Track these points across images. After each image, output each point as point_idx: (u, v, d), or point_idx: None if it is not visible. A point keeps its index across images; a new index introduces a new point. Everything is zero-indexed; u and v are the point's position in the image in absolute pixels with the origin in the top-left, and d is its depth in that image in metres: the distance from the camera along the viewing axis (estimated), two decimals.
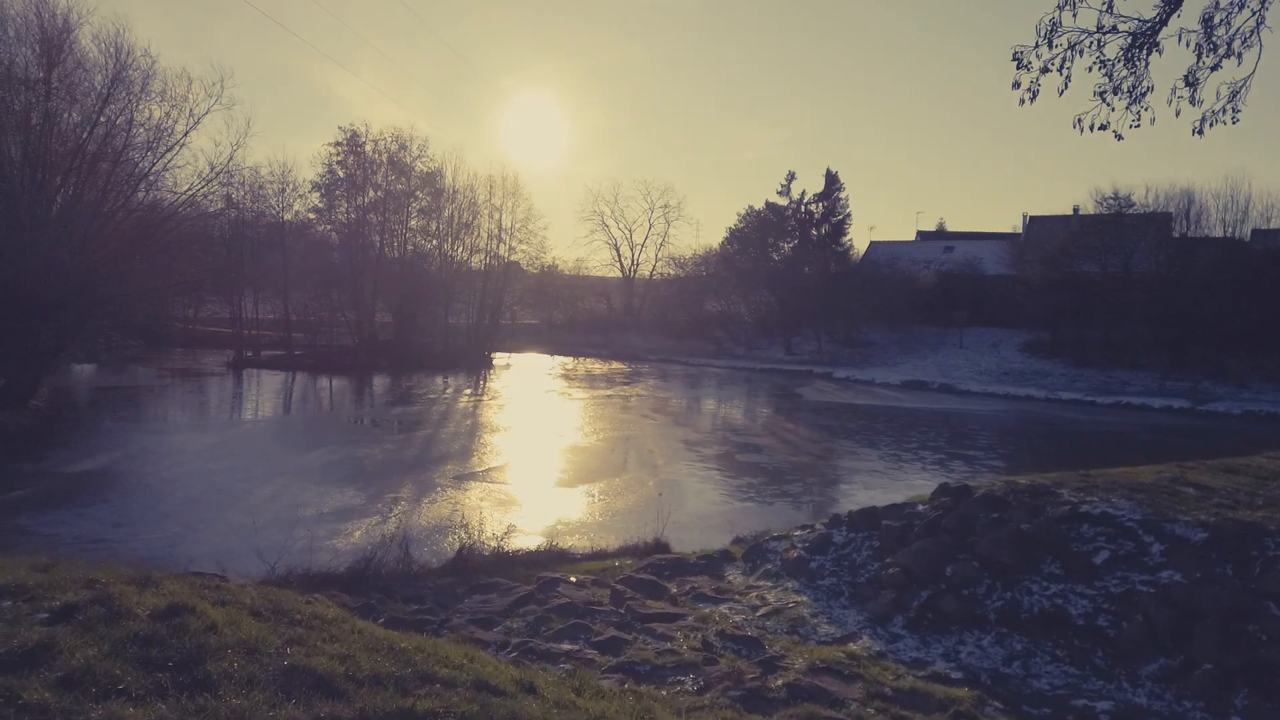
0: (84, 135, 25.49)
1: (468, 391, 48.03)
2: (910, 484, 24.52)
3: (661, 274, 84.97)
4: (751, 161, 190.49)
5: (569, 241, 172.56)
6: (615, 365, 66.30)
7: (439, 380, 53.32)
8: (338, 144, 63.26)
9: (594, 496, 23.04)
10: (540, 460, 28.33)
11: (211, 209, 33.42)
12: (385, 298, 64.55)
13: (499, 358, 66.62)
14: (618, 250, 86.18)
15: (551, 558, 16.52)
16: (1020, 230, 78.31)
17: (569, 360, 69.23)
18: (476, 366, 61.70)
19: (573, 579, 12.15)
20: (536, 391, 48.85)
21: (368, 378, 54.16)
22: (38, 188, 25.44)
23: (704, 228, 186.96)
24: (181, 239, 31.73)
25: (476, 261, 67.31)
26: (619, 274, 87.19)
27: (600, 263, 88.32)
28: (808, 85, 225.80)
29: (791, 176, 76.58)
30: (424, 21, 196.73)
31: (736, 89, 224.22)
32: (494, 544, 16.37)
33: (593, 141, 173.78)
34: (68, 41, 24.65)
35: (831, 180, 75.58)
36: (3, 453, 26.25)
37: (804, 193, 76.11)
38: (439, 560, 15.70)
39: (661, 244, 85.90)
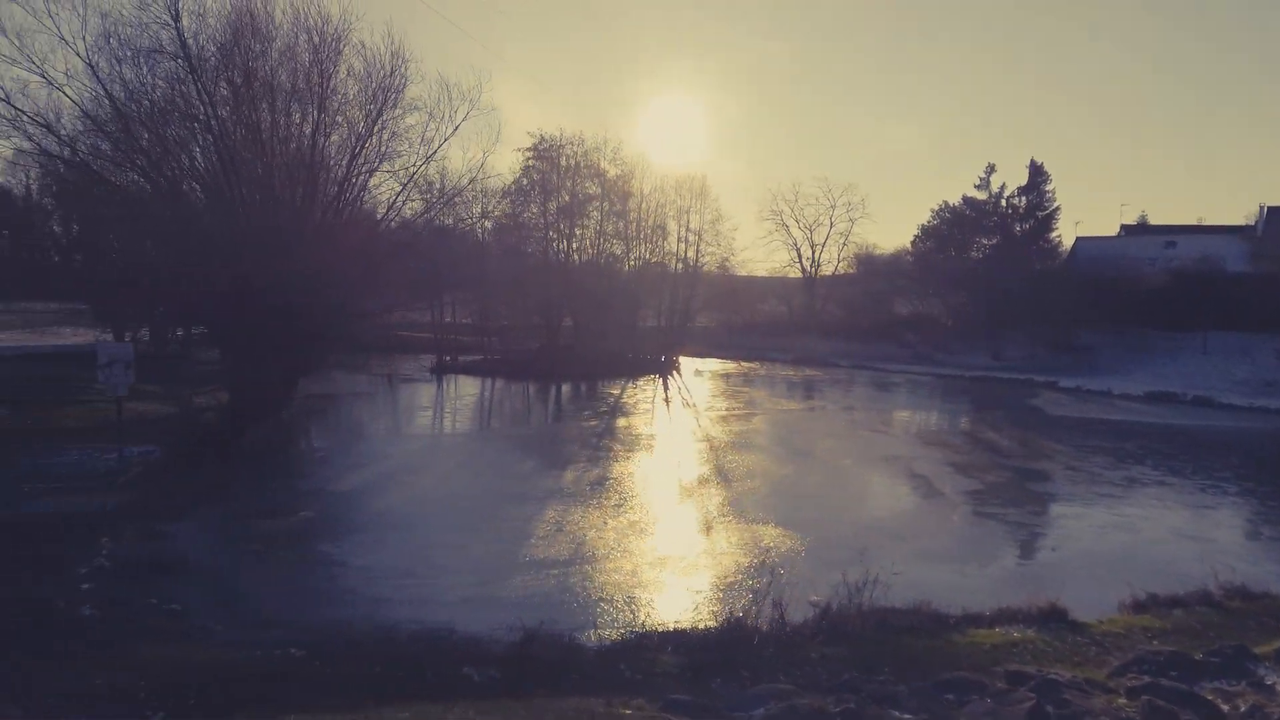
0: (351, 150, 25.30)
1: (674, 400, 46.62)
2: None
3: (844, 274, 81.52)
4: (904, 156, 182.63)
5: (738, 243, 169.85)
6: (806, 371, 63.64)
7: (637, 387, 52.25)
8: (529, 149, 63.39)
9: (903, 531, 20.79)
10: (813, 484, 26.33)
11: (439, 220, 33.10)
12: (574, 302, 64.27)
13: (685, 363, 65.17)
14: (798, 250, 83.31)
15: (927, 620, 14.40)
16: (1255, 223, 70.55)
17: (753, 365, 67.09)
18: (665, 372, 60.45)
19: (1064, 676, 9.92)
20: (746, 401, 46.90)
21: (564, 383, 53.71)
22: (304, 206, 25.41)
23: (879, 225, 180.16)
24: (417, 250, 31.54)
25: (664, 264, 66.13)
26: (797, 274, 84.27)
27: (778, 264, 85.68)
28: (970, 75, 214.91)
29: (990, 169, 71.76)
30: (565, 24, 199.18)
31: (883, 82, 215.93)
32: (845, 597, 14.43)
33: (737, 140, 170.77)
34: (338, 53, 24.42)
35: (1036, 172, 70.24)
36: (277, 469, 26.49)
37: (1003, 186, 71.12)
38: (770, 619, 13.80)
39: (844, 243, 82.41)
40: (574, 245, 65.68)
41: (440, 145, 27.05)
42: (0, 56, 21.06)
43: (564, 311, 64.34)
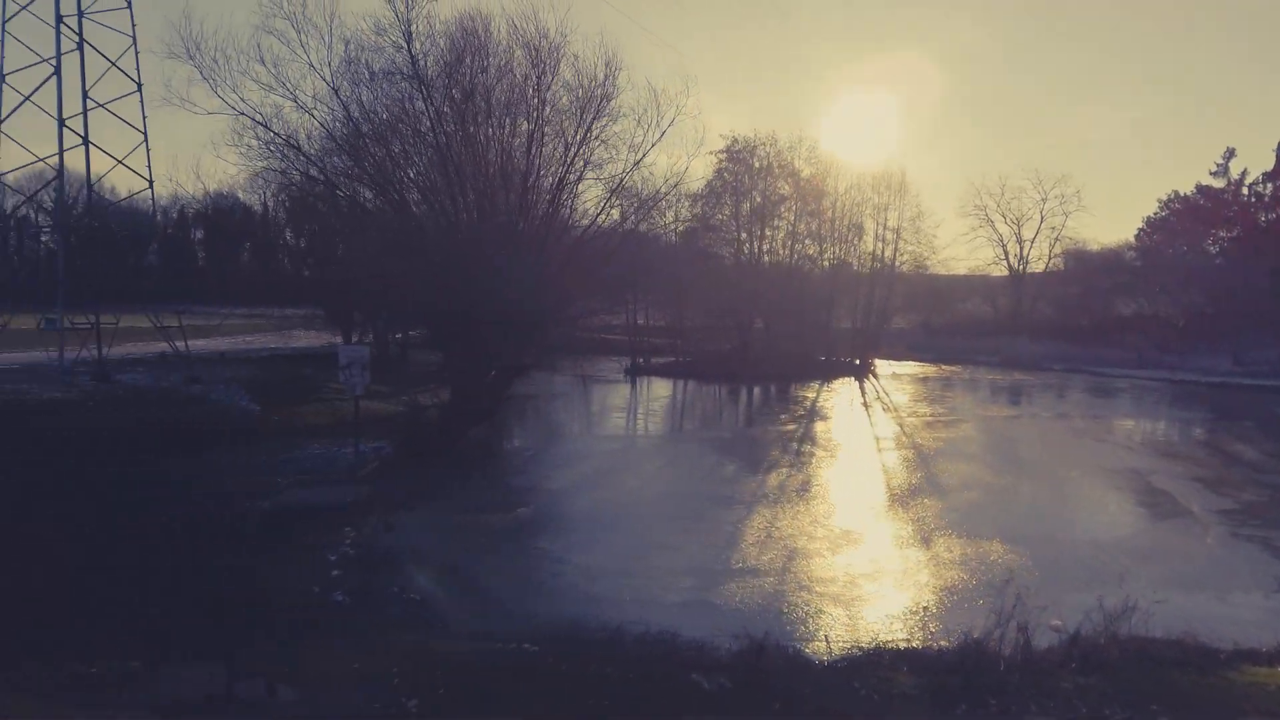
0: (562, 159, 26.10)
1: (874, 404, 45.06)
2: None
3: (1056, 271, 76.02)
4: (1118, 144, 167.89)
5: (939, 240, 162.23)
6: (1014, 375, 59.81)
7: (832, 389, 50.94)
8: (721, 151, 63.31)
9: (1149, 552, 18.96)
10: (1038, 497, 24.63)
11: (637, 226, 33.58)
12: (765, 304, 63.62)
13: (880, 365, 62.95)
14: (1004, 247, 78.50)
15: (1193, 654, 12.98)
16: None
17: (954, 368, 63.83)
18: (861, 375, 58.61)
19: None
20: (952, 406, 44.62)
21: (756, 385, 53.19)
22: (517, 214, 26.37)
23: (1093, 219, 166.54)
24: (620, 256, 32.05)
25: (859, 264, 64.24)
26: (1001, 272, 79.45)
27: (980, 261, 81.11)
28: (1197, 51, 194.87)
29: (1230, 154, 64.77)
30: (750, 20, 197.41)
31: (1092, 65, 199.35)
32: (1099, 624, 13.21)
33: (934, 134, 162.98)
34: (556, 65, 25.22)
35: None
36: (493, 467, 27.78)
37: (1244, 172, 63.94)
38: (1013, 643, 12.75)
39: (1055, 239, 76.86)
40: (765, 246, 65.14)
41: (647, 150, 27.37)
42: (260, 84, 23.20)
43: (755, 313, 63.84)
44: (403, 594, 15.84)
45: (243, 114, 23.39)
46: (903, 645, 13.20)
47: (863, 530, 20.55)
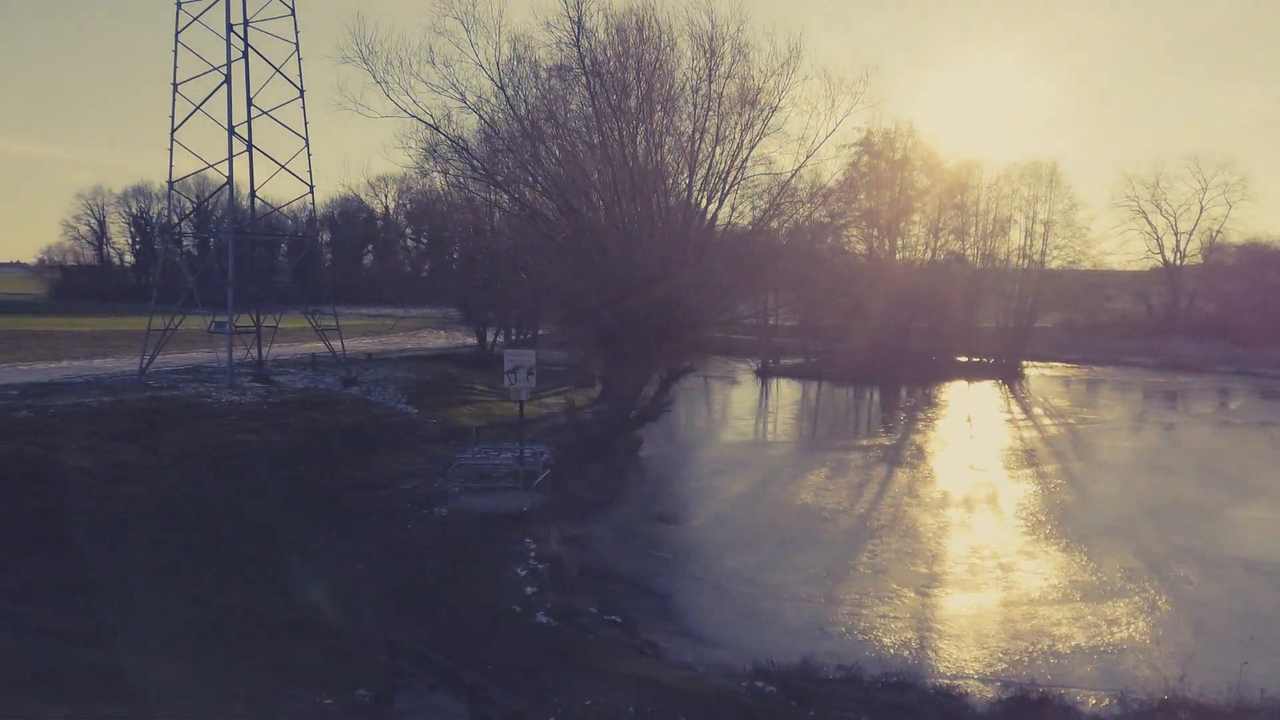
0: (731, 155, 24.94)
1: (1035, 408, 42.25)
2: None
3: (1220, 265, 70.45)
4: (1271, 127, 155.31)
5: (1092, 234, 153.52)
6: (1177, 378, 55.48)
7: (981, 392, 48.18)
8: (857, 144, 60.90)
9: None
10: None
11: (807, 220, 32.13)
12: (903, 302, 61.03)
13: (1026, 366, 59.47)
14: (1159, 240, 73.30)
15: None
16: None
17: (1106, 370, 59.75)
18: (1010, 377, 55.45)
19: None
20: (1122, 411, 41.47)
21: (897, 388, 50.87)
22: (688, 208, 25.35)
23: (1263, 208, 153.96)
24: (781, 254, 30.67)
25: (1006, 260, 60.91)
26: (1155, 267, 74.12)
27: (1130, 256, 75.94)
28: None
29: None
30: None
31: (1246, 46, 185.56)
32: None
33: (1080, 124, 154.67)
34: (725, 52, 24.06)
35: None
36: (656, 472, 26.97)
37: None
38: None
39: (1217, 231, 71.22)
40: (901, 242, 62.47)
41: (819, 144, 25.95)
42: (429, 86, 22.90)
43: (890, 312, 61.30)
44: (603, 615, 15.00)
45: (415, 116, 23.13)
46: (1199, 700, 11.46)
47: (1087, 556, 18.66)
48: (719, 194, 25.49)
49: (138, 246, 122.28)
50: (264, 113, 30.86)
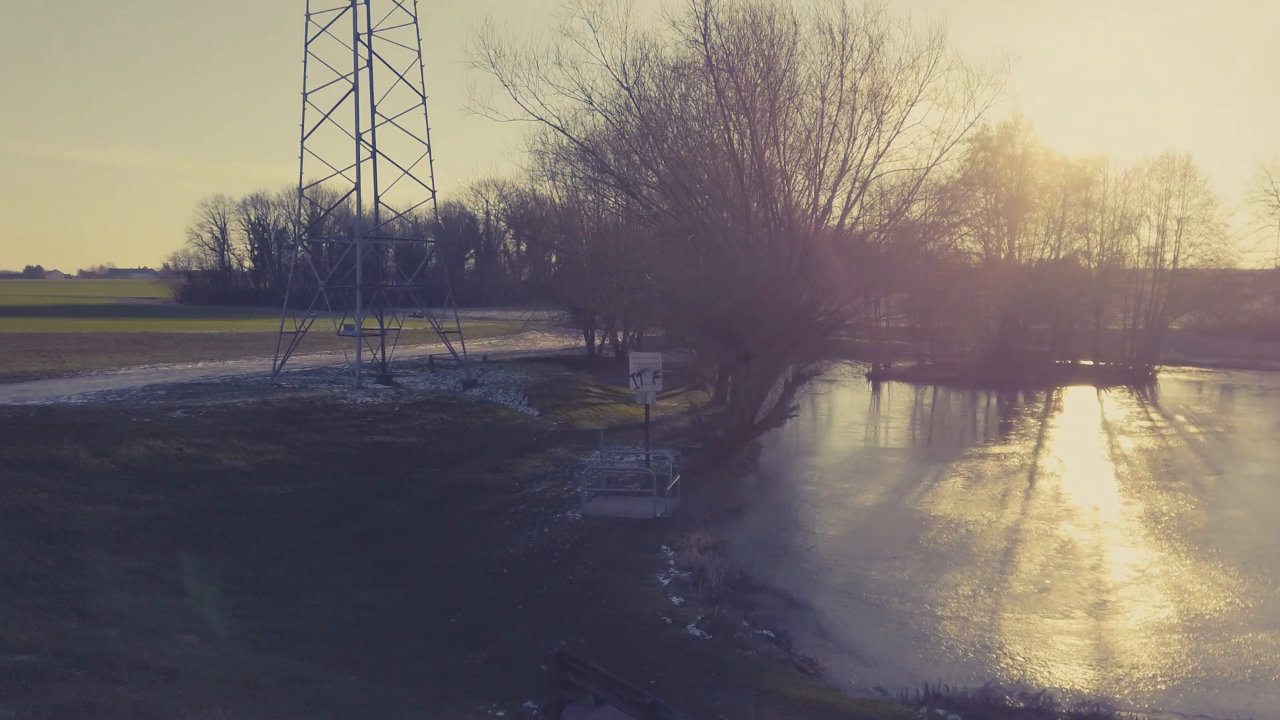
0: (861, 154, 24.07)
1: (1176, 416, 39.71)
2: None
3: None
4: None
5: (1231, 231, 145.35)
6: None
7: (1114, 398, 45.61)
8: (973, 139, 58.67)
9: None
10: None
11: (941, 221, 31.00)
12: (1020, 303, 58.48)
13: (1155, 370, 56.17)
14: None
15: None
16: None
17: (1248, 374, 55.96)
18: (1142, 382, 52.46)
19: None
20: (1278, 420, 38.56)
21: (1019, 392, 48.66)
22: (817, 209, 24.58)
23: None
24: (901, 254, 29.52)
25: (1136, 259, 57.75)
26: None
27: (1269, 253, 71.02)
28: None
29: None
30: None
31: None
32: None
33: (1217, 114, 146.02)
34: (854, 42, 23.20)
35: None
36: (783, 478, 26.28)
37: None
38: None
39: None
40: (1021, 240, 59.92)
41: (959, 137, 24.85)
42: (555, 87, 22.79)
43: (1012, 312, 58.83)
44: (755, 628, 14.46)
45: (540, 119, 23.07)
46: None
47: (1272, 578, 17.15)
48: (849, 193, 24.65)
49: (255, 252, 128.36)
50: (388, 120, 31.47)
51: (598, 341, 53.96)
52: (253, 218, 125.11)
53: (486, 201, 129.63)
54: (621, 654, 12.54)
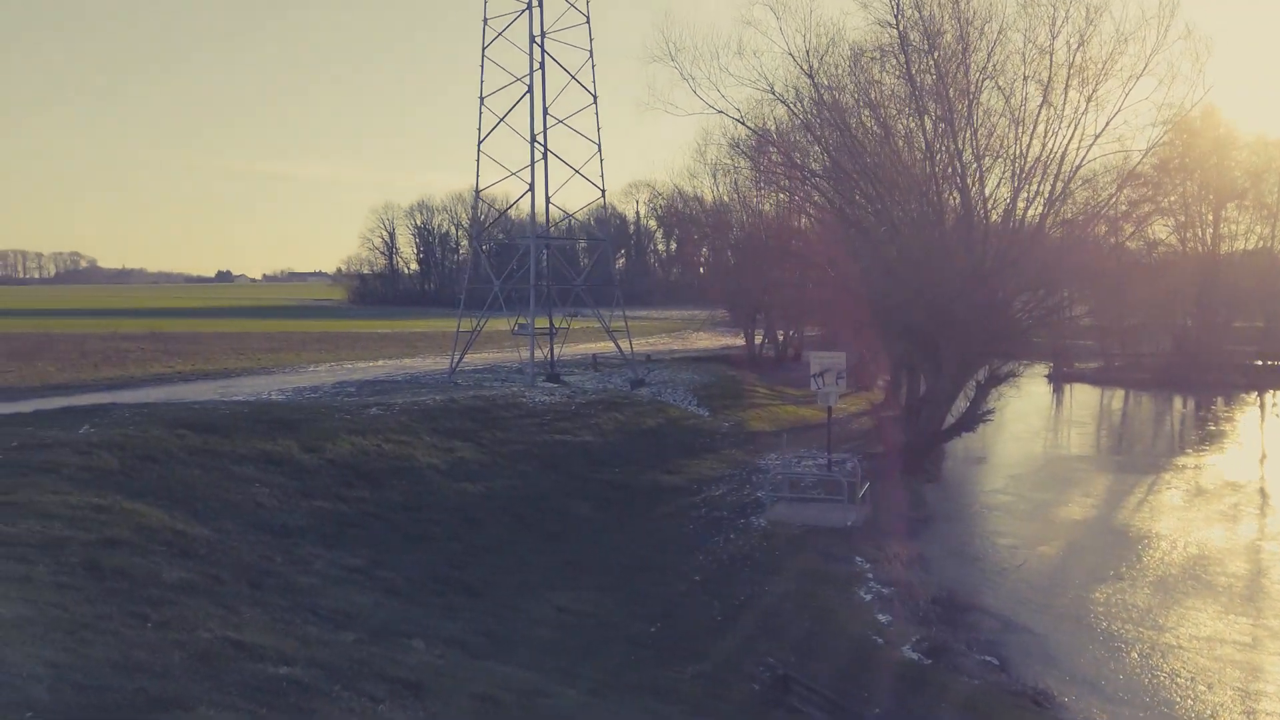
0: (1067, 139, 22.10)
1: None
2: None
3: None
4: None
5: None
6: None
7: None
8: (1164, 122, 53.88)
9: None
10: None
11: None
12: (1219, 299, 53.38)
13: None
14: None
15: None
16: None
17: None
18: None
19: None
20: None
21: (1218, 396, 44.19)
22: (1015, 199, 22.80)
23: None
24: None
25: None
26: None
27: None
28: None
29: None
30: None
31: None
32: None
33: None
34: (1067, 14, 21.28)
35: None
36: (974, 487, 24.67)
37: None
38: None
39: None
40: (1222, 230, 54.73)
41: (1186, 112, 22.51)
42: (735, 78, 22.08)
43: (1210, 309, 53.79)
44: (973, 653, 13.29)
45: (721, 111, 22.42)
46: None
47: None
48: (1052, 183, 22.70)
49: (421, 255, 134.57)
50: (560, 121, 31.64)
51: (757, 340, 52.93)
52: (418, 222, 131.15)
53: (636, 202, 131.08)
54: (834, 675, 11.72)
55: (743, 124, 23.12)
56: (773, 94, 22.50)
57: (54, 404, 20.96)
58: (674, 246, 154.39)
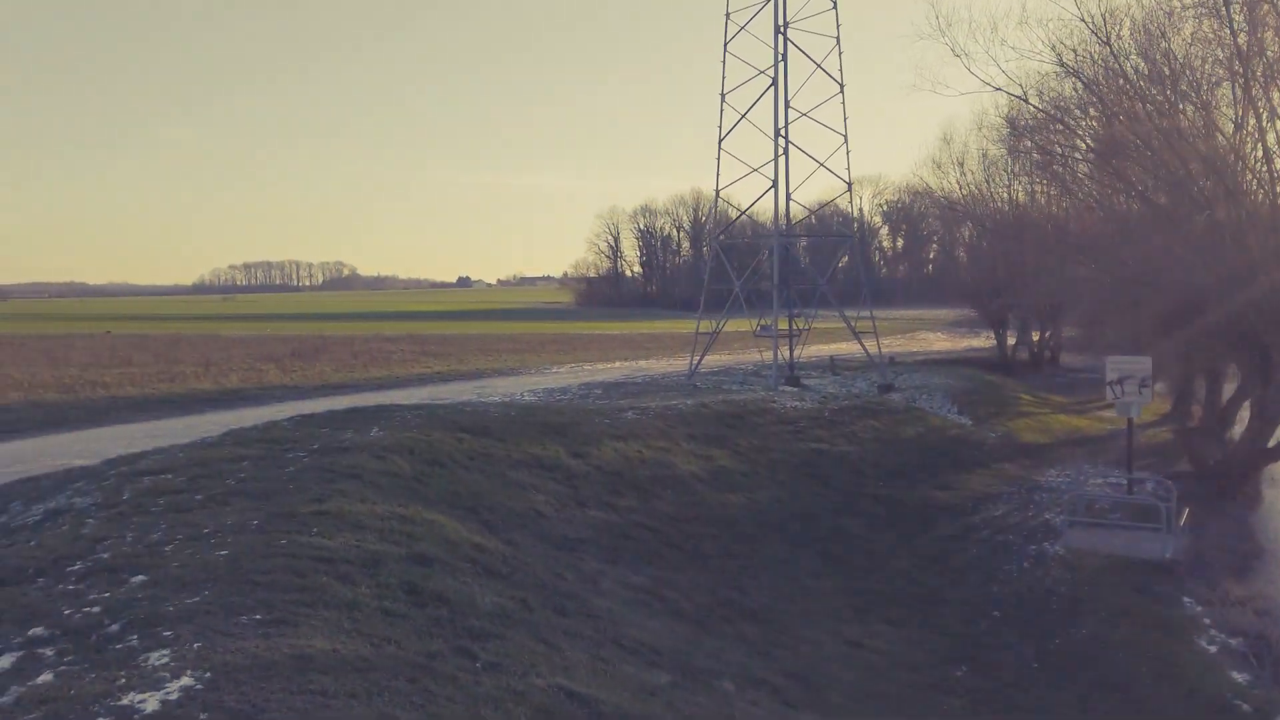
0: None
1: None
2: None
3: None
4: None
5: None
6: None
7: None
8: None
9: None
10: None
11: None
12: None
13: None
14: None
15: None
16: None
17: None
18: None
19: None
20: None
21: None
22: None
23: None
24: None
25: None
26: None
27: None
28: None
29: None
30: None
31: None
32: None
33: None
34: None
35: None
36: None
37: None
38: None
39: None
40: None
41: None
42: (1018, 52, 19.75)
43: None
44: None
45: (998, 89, 20.20)
46: None
47: None
48: None
49: (644, 258, 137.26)
50: (803, 114, 30.23)
51: (1009, 342, 48.79)
52: (642, 225, 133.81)
53: (860, 197, 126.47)
54: None
55: (1023, 100, 20.69)
56: (1060, 65, 19.96)
57: (338, 403, 22.31)
58: (900, 244, 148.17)
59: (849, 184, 30.55)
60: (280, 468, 10.09)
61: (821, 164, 30.34)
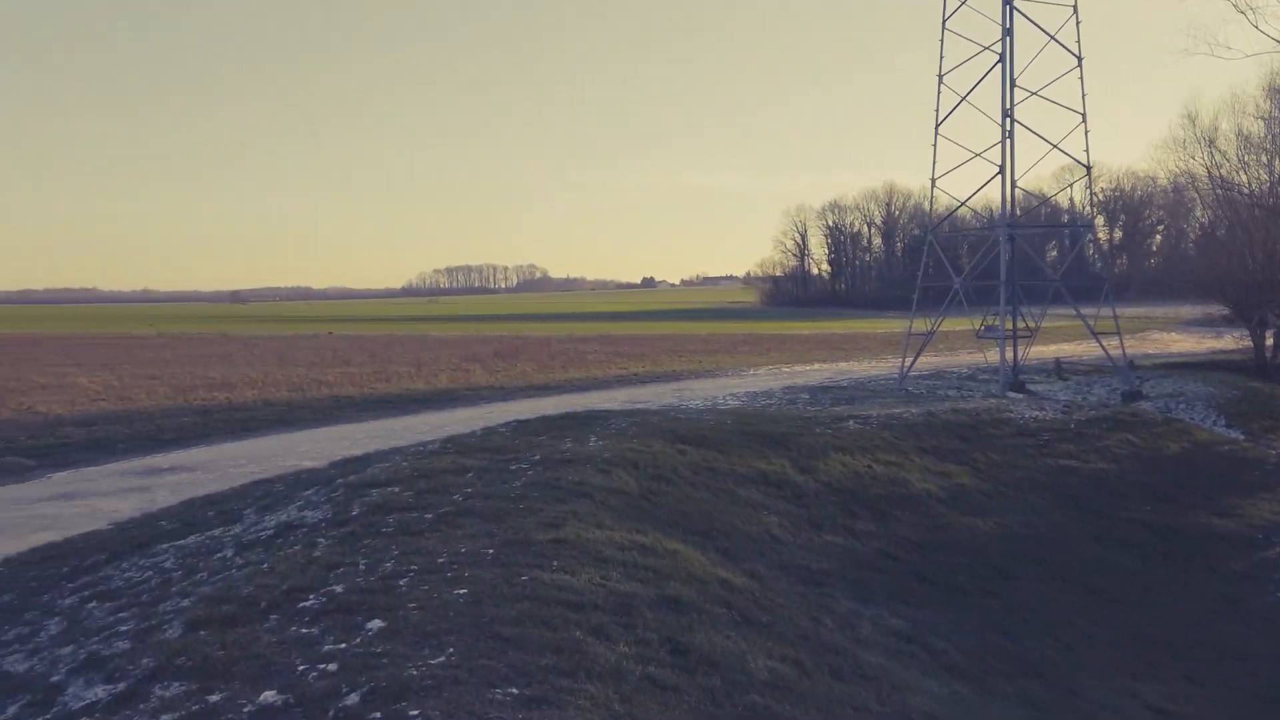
0: None
1: None
2: None
3: None
4: None
5: None
6: None
7: None
8: None
9: None
10: None
11: None
12: None
13: None
14: None
15: None
16: None
17: None
18: None
19: None
20: None
21: None
22: None
23: None
24: None
25: None
26: None
27: None
28: None
29: None
30: None
31: None
32: None
33: None
34: None
35: None
36: None
37: None
38: None
39: None
40: None
41: None
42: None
43: None
44: None
45: None
46: None
47: None
48: None
49: (832, 255, 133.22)
50: (1031, 93, 27.34)
51: (1266, 343, 42.74)
52: (830, 222, 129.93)
53: (1070, 188, 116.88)
54: None
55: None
56: None
57: (543, 404, 22.11)
58: (1118, 235, 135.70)
59: (1088, 167, 27.37)
60: (505, 482, 9.47)
61: (1055, 146, 27.37)
